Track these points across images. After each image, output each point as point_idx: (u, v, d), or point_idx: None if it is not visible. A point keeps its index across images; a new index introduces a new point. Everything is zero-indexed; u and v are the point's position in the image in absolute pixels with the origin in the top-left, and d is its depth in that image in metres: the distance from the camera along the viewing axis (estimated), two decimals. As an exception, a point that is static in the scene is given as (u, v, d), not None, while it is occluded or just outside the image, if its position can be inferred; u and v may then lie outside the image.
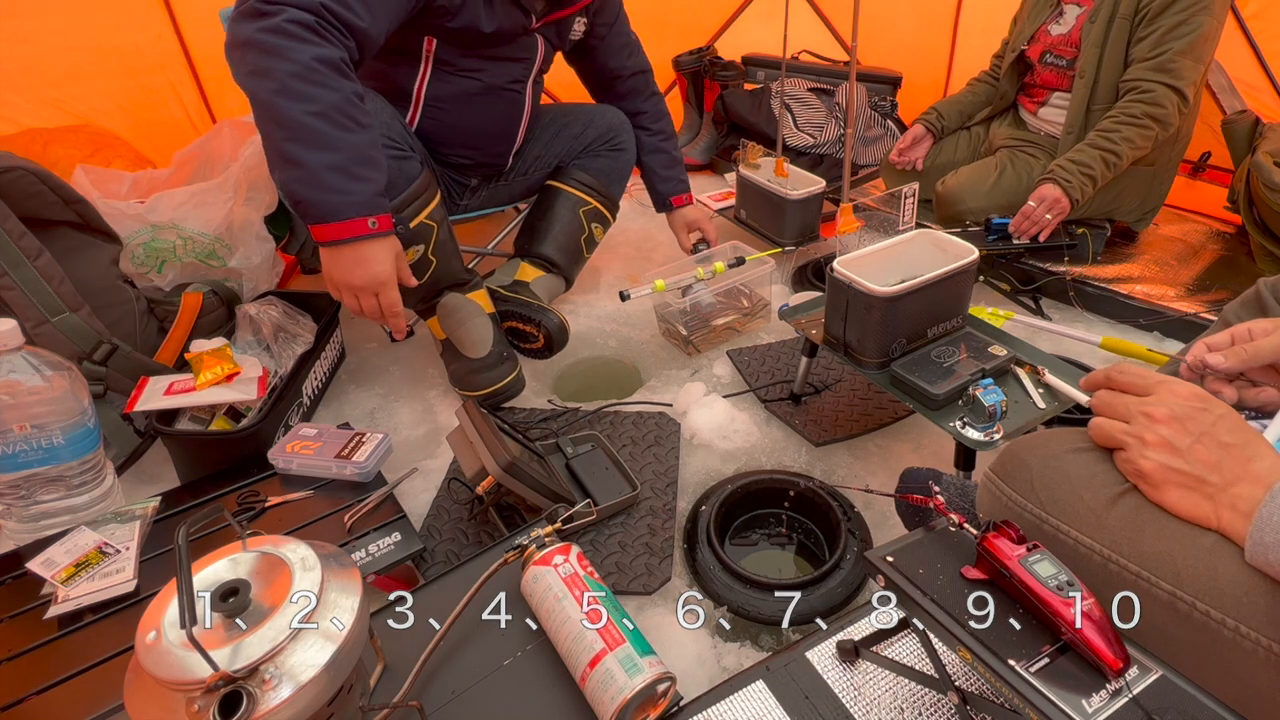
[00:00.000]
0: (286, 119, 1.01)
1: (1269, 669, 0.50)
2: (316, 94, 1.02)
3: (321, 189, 1.04)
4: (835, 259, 1.13)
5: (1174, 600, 0.54)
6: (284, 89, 1.00)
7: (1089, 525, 0.59)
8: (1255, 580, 0.51)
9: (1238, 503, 0.54)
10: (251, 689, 0.47)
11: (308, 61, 1.01)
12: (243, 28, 1.01)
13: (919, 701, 0.71)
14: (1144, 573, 0.55)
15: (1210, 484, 0.55)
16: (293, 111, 1.01)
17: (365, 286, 1.12)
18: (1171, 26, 1.55)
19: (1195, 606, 0.53)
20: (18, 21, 1.61)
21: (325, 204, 1.05)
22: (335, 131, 1.03)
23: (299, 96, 1.01)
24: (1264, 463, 0.55)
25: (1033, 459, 0.65)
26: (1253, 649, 0.50)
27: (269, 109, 1.01)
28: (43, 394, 0.96)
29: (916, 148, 2.03)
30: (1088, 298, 1.68)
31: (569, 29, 1.50)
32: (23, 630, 0.85)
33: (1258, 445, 0.56)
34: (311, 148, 1.02)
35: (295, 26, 1.01)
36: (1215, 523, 0.54)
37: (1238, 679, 0.51)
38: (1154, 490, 0.58)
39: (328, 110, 1.02)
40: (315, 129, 1.02)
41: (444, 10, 1.24)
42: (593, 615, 0.72)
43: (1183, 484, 0.56)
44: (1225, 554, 0.53)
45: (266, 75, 1.00)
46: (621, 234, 2.07)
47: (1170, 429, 0.57)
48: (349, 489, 1.07)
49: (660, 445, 1.27)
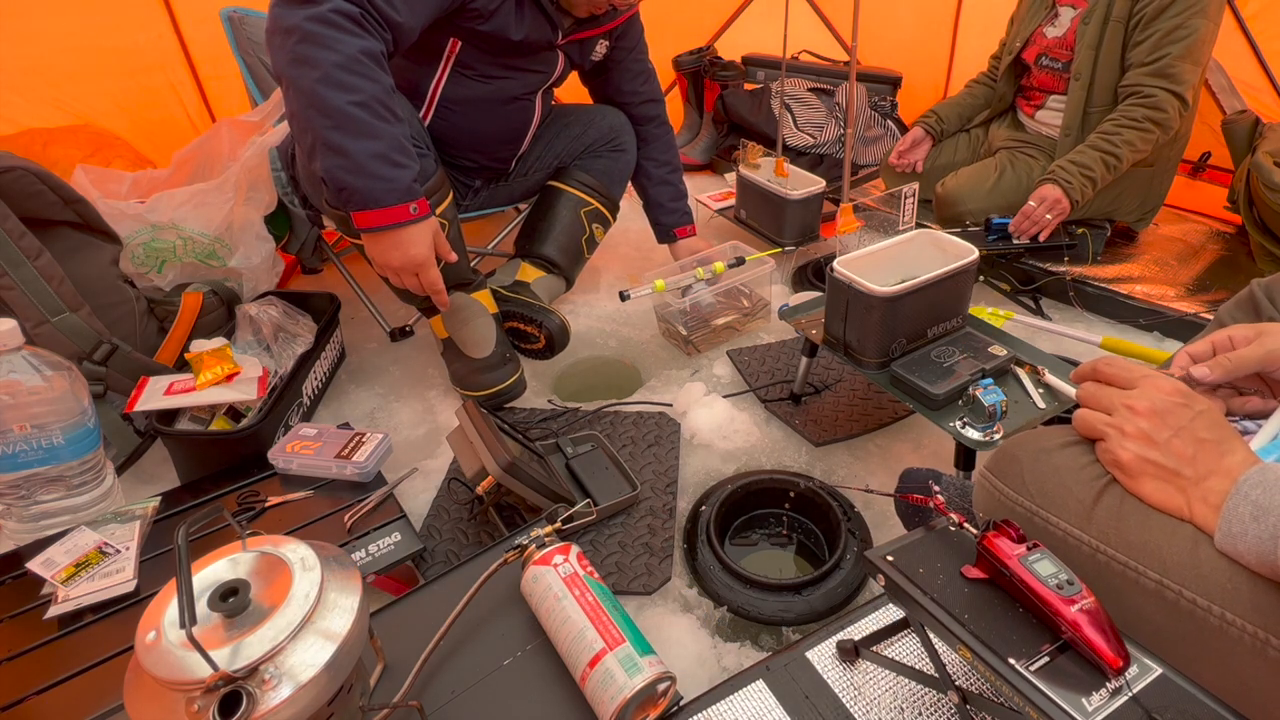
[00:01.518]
0: (330, 107, 1.03)
1: (1255, 656, 0.50)
2: (359, 84, 1.04)
3: (366, 176, 1.06)
4: (835, 259, 1.13)
5: (1161, 589, 0.54)
6: (327, 78, 1.02)
7: (1078, 517, 0.60)
8: (1237, 567, 0.52)
9: (1209, 496, 0.55)
10: (251, 689, 0.47)
11: (353, 53, 1.03)
12: (289, 13, 1.02)
13: (919, 701, 0.71)
14: (1131, 562, 0.56)
15: (1184, 477, 0.56)
16: (336, 100, 1.02)
17: (405, 267, 1.16)
18: (1168, 30, 1.55)
19: (1182, 595, 0.53)
20: (18, 21, 1.62)
21: (370, 191, 1.07)
22: (376, 121, 1.06)
23: (342, 86, 1.03)
24: (1236, 457, 0.56)
25: (1023, 454, 0.66)
26: (1239, 636, 0.51)
27: (311, 97, 1.03)
28: (43, 394, 0.96)
29: (916, 150, 2.03)
30: (1088, 298, 1.68)
31: (591, 49, 1.52)
32: (23, 630, 0.85)
33: (1232, 442, 0.57)
34: (355, 136, 1.04)
35: (340, 17, 1.03)
36: (1188, 514, 0.56)
37: (1226, 668, 0.52)
38: (1131, 481, 0.59)
39: (369, 100, 1.05)
40: (359, 118, 1.04)
41: (477, 14, 1.25)
42: (593, 615, 0.72)
43: (1158, 475, 0.57)
44: (1206, 542, 0.54)
45: (310, 64, 1.02)
46: (621, 234, 2.07)
47: (1150, 422, 0.58)
48: (349, 489, 1.07)
49: (660, 445, 1.27)
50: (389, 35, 1.11)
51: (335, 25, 1.03)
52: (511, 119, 1.50)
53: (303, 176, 1.33)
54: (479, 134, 1.48)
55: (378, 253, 1.15)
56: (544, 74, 1.46)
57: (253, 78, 1.69)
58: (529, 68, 1.42)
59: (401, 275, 1.18)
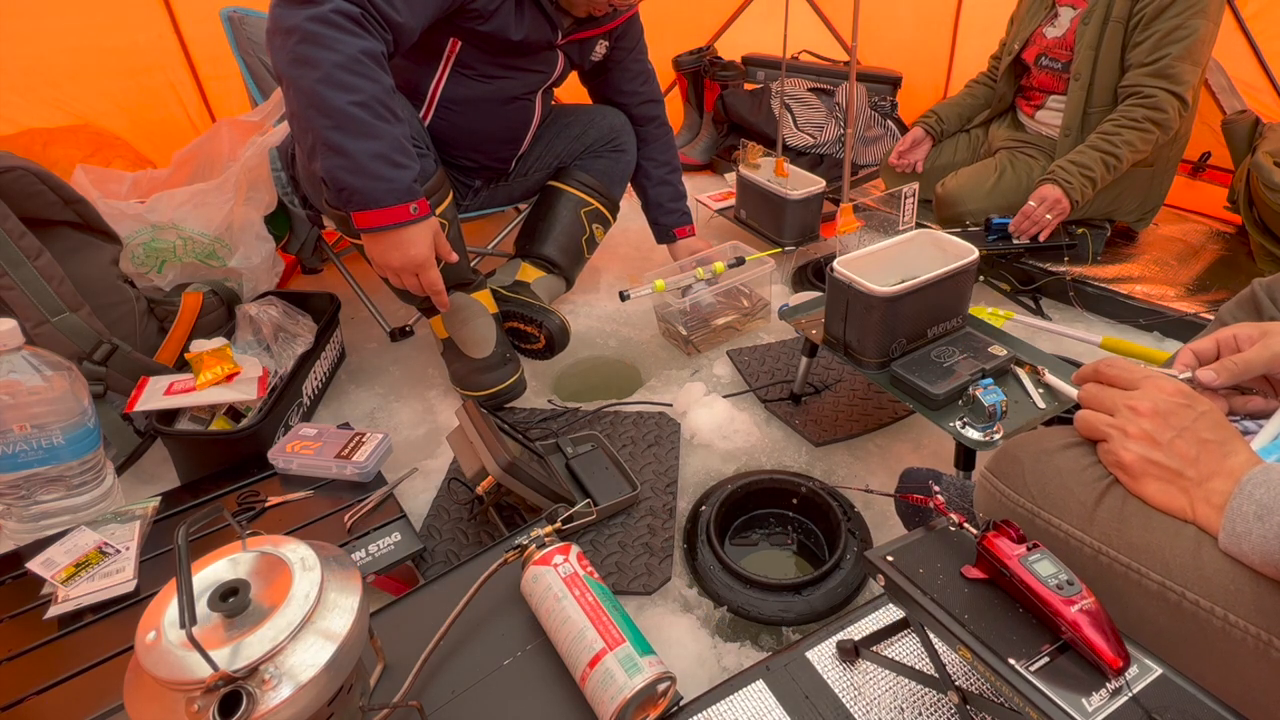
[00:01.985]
0: (331, 107, 1.03)
1: (1258, 658, 0.50)
2: (360, 84, 1.04)
3: (366, 176, 1.06)
4: (835, 259, 1.13)
5: (1164, 590, 0.54)
6: (328, 78, 1.02)
7: (1079, 519, 0.60)
8: (1240, 569, 0.52)
9: (1212, 497, 0.55)
10: (251, 689, 0.47)
11: (354, 53, 1.04)
12: (289, 14, 1.02)
13: (919, 701, 0.71)
14: (1133, 564, 0.56)
15: (1187, 478, 0.56)
16: (337, 100, 1.02)
17: (405, 267, 1.16)
18: (1168, 31, 1.55)
19: (1185, 596, 0.53)
20: (18, 21, 1.62)
21: (370, 191, 1.07)
22: (377, 121, 1.06)
23: (343, 86, 1.03)
24: (1239, 458, 0.56)
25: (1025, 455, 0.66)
26: (1242, 638, 0.51)
27: (312, 97, 1.03)
28: (43, 394, 0.96)
29: (916, 150, 2.03)
30: (1088, 298, 1.68)
31: (591, 49, 1.52)
32: (23, 630, 0.85)
33: (1235, 443, 0.57)
34: (356, 136, 1.04)
35: (341, 18, 1.03)
36: (1191, 515, 0.56)
37: (1229, 669, 0.52)
38: (1133, 482, 0.59)
39: (369, 101, 1.05)
40: (359, 118, 1.04)
41: (477, 14, 1.25)
42: (593, 615, 0.72)
43: (1161, 476, 0.57)
44: (1209, 543, 0.54)
45: (311, 64, 1.02)
46: (621, 234, 2.07)
47: (1152, 423, 0.58)
48: (349, 489, 1.07)
49: (660, 445, 1.27)
50: (389, 36, 1.11)
51: (336, 25, 1.03)
52: (511, 119, 1.50)
53: (303, 177, 1.33)
54: (479, 134, 1.48)
55: (378, 253, 1.15)
56: (544, 74, 1.46)
57: (253, 78, 1.69)
58: (529, 68, 1.42)
59: (401, 275, 1.18)
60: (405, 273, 1.17)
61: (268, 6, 1.06)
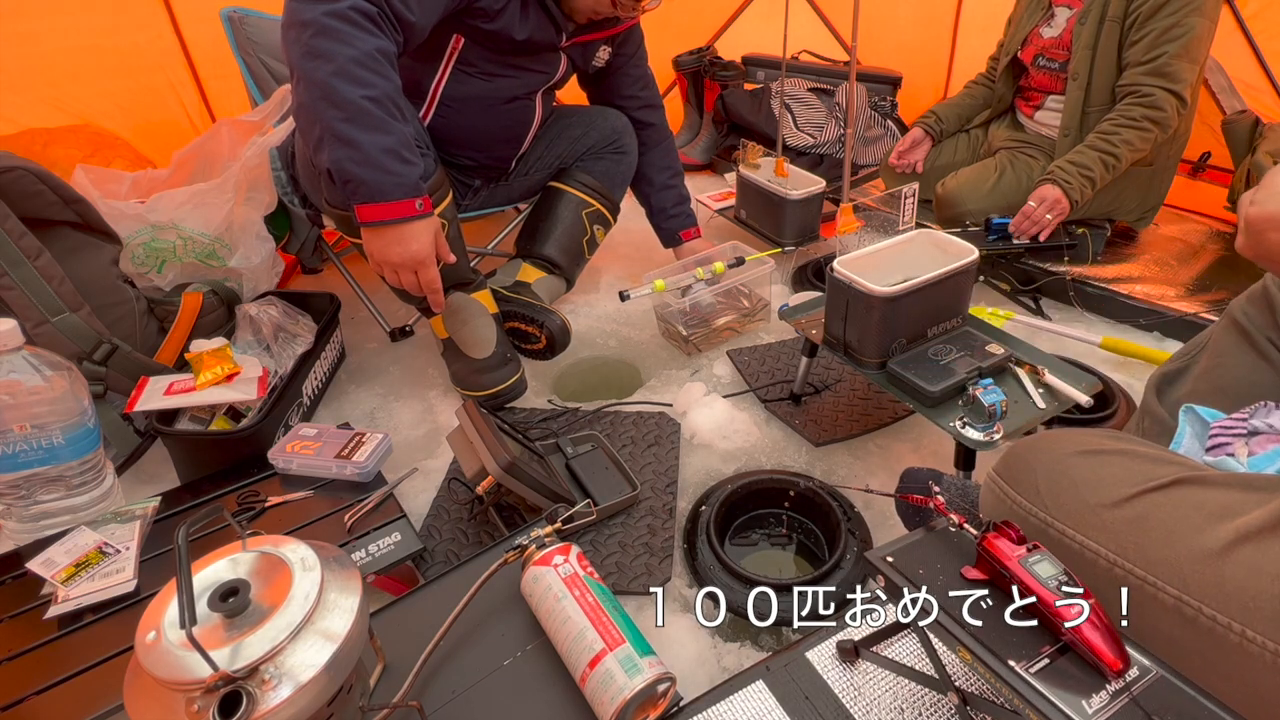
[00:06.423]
0: (343, 100, 1.03)
1: (1274, 673, 0.50)
2: (373, 80, 1.05)
3: (375, 169, 1.07)
4: (835, 259, 1.13)
5: (1180, 605, 0.54)
6: (342, 71, 1.03)
7: (1094, 529, 0.60)
8: (1261, 585, 0.51)
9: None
10: (251, 689, 0.47)
11: (370, 50, 1.05)
12: (306, 8, 1.03)
13: (919, 701, 0.71)
14: (1149, 577, 0.56)
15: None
16: (350, 93, 1.03)
17: (404, 264, 1.16)
18: (1164, 29, 1.55)
19: (1201, 611, 0.53)
20: (18, 21, 1.61)
21: (378, 184, 1.07)
22: (388, 117, 1.07)
23: (357, 80, 1.04)
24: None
25: (1038, 462, 0.65)
26: (1259, 653, 0.50)
27: (324, 89, 1.03)
28: (43, 394, 0.96)
29: (915, 150, 2.03)
30: (1088, 298, 1.68)
31: (594, 53, 1.53)
32: (23, 630, 0.85)
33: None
34: (367, 129, 1.05)
35: (359, 15, 1.05)
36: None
37: (1245, 684, 0.52)
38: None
39: (381, 97, 1.06)
40: (372, 112, 1.05)
41: (483, 12, 1.26)
42: (592, 615, 0.72)
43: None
44: (1231, 559, 0.53)
45: (325, 57, 1.03)
46: (622, 234, 2.06)
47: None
48: (349, 489, 1.07)
49: (660, 445, 1.27)
50: (401, 37, 1.12)
51: (353, 22, 1.04)
52: (512, 118, 1.50)
53: (303, 174, 1.33)
54: (479, 132, 1.48)
55: (378, 248, 1.15)
56: (546, 74, 1.46)
57: (253, 78, 1.69)
58: (531, 67, 1.42)
59: (400, 272, 1.17)
60: (404, 269, 1.17)
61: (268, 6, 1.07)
